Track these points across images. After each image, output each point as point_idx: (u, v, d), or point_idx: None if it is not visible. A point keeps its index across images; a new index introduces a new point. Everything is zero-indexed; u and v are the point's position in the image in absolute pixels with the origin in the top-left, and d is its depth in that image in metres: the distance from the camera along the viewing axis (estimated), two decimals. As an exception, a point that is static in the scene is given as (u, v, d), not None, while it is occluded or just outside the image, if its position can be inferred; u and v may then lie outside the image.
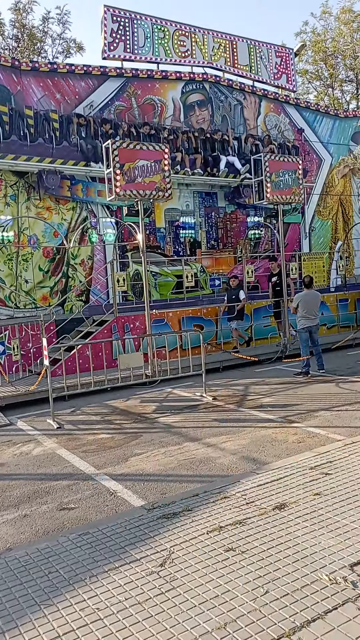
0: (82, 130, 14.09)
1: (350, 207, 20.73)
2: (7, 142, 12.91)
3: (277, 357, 11.86)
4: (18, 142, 13.03)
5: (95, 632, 2.88)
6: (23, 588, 3.37)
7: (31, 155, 13.17)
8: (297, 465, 5.12)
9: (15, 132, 13.03)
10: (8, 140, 12.94)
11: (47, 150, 13.39)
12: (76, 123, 13.99)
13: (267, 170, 11.53)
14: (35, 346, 10.70)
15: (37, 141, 13.32)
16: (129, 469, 5.79)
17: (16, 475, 5.87)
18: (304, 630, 2.77)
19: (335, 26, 29.40)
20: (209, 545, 3.70)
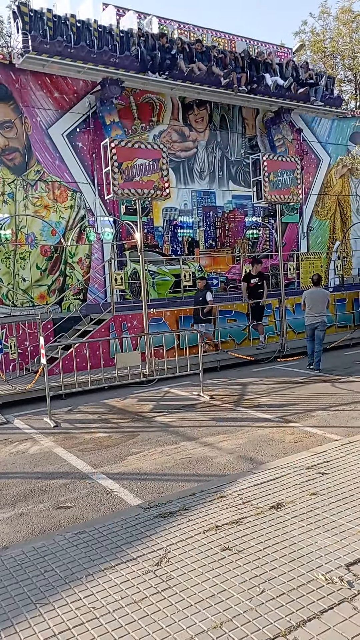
0: (141, 41, 14.35)
1: (348, 207, 20.75)
2: (76, 48, 13.24)
3: (275, 356, 11.87)
4: (87, 48, 13.41)
5: (91, 631, 2.87)
6: (19, 587, 3.36)
7: (96, 63, 13.55)
8: (294, 465, 5.12)
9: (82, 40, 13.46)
10: (77, 45, 13.28)
11: (110, 59, 13.75)
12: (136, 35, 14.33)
13: (265, 170, 11.53)
14: (33, 344, 10.68)
15: (103, 49, 13.68)
16: (125, 468, 5.79)
17: (12, 474, 5.86)
18: (300, 630, 2.77)
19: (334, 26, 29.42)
20: (206, 544, 3.70)
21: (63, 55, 13.10)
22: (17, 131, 13.59)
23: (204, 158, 16.93)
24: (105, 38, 13.86)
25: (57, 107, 14.18)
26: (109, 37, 13.92)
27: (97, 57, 13.54)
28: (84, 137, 14.61)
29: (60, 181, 14.21)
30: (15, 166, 13.58)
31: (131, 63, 14.02)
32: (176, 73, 14.65)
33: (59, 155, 14.21)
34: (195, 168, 16.73)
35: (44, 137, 13.99)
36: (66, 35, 13.24)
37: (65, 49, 13.09)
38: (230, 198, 17.56)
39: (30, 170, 13.78)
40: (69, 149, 14.38)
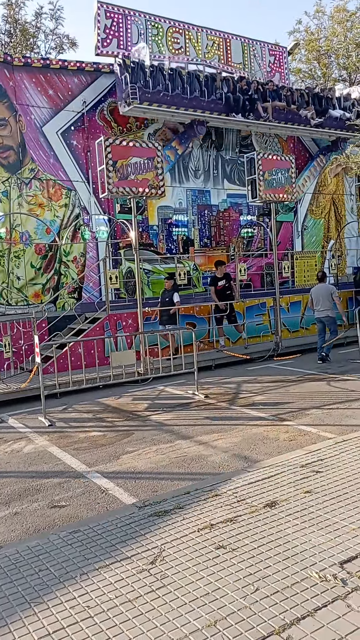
0: (224, 85, 15.87)
1: (343, 206, 20.79)
2: (172, 95, 14.58)
3: (270, 355, 11.90)
4: (180, 95, 14.81)
5: (85, 630, 2.88)
6: (13, 586, 3.36)
7: (187, 107, 15.01)
8: (288, 463, 5.14)
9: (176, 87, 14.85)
10: (173, 93, 14.61)
11: (199, 103, 15.21)
12: (219, 80, 15.82)
13: (260, 168, 11.54)
14: (27, 343, 10.65)
15: (193, 95, 15.11)
16: (120, 467, 5.79)
17: (7, 473, 5.85)
18: (293, 628, 2.78)
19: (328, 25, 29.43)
20: (200, 542, 3.71)
21: (161, 103, 14.50)
22: (11, 129, 13.52)
23: (199, 156, 16.92)
24: (194, 83, 15.37)
25: (52, 105, 14.13)
26: (196, 82, 15.42)
27: (188, 103, 15.03)
28: (78, 136, 14.57)
29: (55, 179, 14.17)
30: (10, 164, 13.52)
31: (216, 105, 15.59)
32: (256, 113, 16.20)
33: (54, 154, 14.17)
34: (190, 166, 16.72)
35: (39, 135, 13.94)
36: (162, 84, 14.62)
37: (163, 97, 14.51)
38: (225, 197, 17.55)
39: (24, 169, 13.73)
40: (63, 147, 14.33)
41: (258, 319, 13.10)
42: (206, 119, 15.49)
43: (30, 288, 13.83)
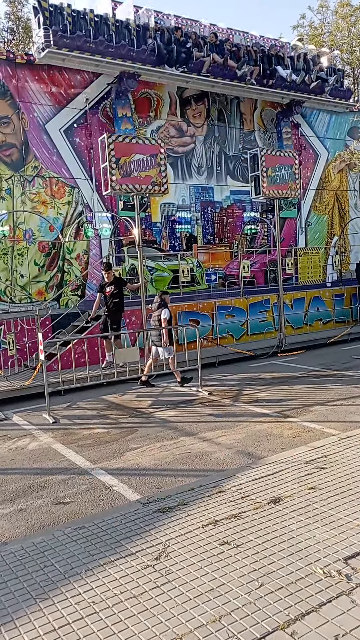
0: (157, 35, 14.66)
1: (347, 202, 20.73)
2: (95, 42, 13.53)
3: (273, 352, 11.89)
4: (105, 42, 13.67)
5: (90, 626, 2.89)
6: (19, 582, 3.38)
7: (114, 57, 13.86)
8: (292, 460, 5.14)
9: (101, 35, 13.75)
10: (96, 40, 13.56)
11: (128, 53, 14.03)
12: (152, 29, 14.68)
13: (263, 165, 11.51)
14: (31, 341, 10.67)
15: (120, 43, 13.94)
16: (124, 464, 5.80)
17: (12, 470, 5.87)
18: (298, 623, 2.79)
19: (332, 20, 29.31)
20: (204, 539, 3.72)
21: (82, 50, 13.40)
22: (14, 127, 13.54)
23: (202, 153, 16.90)
24: (123, 32, 14.15)
25: (54, 102, 14.13)
26: (126, 32, 14.23)
27: (115, 51, 13.80)
28: (81, 133, 14.57)
29: (58, 177, 14.18)
30: (13, 162, 13.54)
31: (148, 57, 14.32)
32: (191, 66, 14.94)
33: (57, 151, 14.17)
34: (193, 163, 16.70)
35: (41, 133, 13.95)
36: (85, 30, 13.51)
37: (85, 44, 13.38)
38: (228, 193, 17.54)
39: (27, 166, 13.74)
40: (66, 144, 14.34)
41: (262, 316, 13.08)
42: (137, 70, 14.35)
43: (34, 286, 13.86)
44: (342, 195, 20.61)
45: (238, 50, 16.18)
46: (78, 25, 13.45)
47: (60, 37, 13.02)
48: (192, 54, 14.84)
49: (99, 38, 13.55)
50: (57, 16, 13.27)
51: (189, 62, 14.81)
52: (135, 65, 14.17)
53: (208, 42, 15.54)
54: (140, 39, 14.36)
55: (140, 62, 14.24)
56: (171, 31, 14.95)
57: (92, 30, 13.61)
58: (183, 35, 15.08)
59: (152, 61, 14.43)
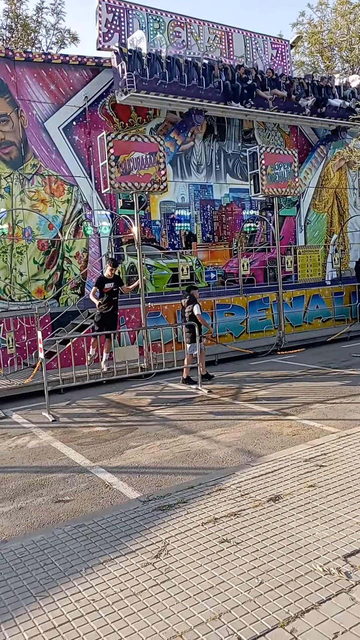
0: (222, 73, 15.59)
1: (346, 200, 20.72)
2: (169, 84, 14.41)
3: (273, 350, 11.89)
4: (178, 84, 14.62)
5: (90, 623, 2.89)
6: (19, 580, 3.38)
7: (184, 96, 14.84)
8: (291, 458, 5.15)
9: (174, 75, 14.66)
10: (170, 82, 14.43)
11: (197, 92, 15.00)
12: (217, 68, 15.57)
13: (262, 162, 11.50)
14: (30, 339, 10.67)
15: (191, 83, 14.88)
16: (124, 462, 5.80)
17: (11, 468, 5.87)
18: (298, 621, 2.79)
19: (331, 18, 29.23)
20: (204, 536, 3.72)
21: (158, 91, 14.31)
22: (13, 125, 13.50)
23: (201, 151, 16.87)
24: (192, 72, 15.14)
25: (53, 100, 14.09)
26: (194, 71, 15.19)
27: (186, 91, 14.85)
28: (80, 131, 14.53)
29: (57, 175, 14.15)
30: (12, 160, 13.50)
31: (214, 94, 15.40)
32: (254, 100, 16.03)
33: (56, 149, 14.14)
34: (192, 161, 16.67)
35: (40, 131, 13.91)
36: (159, 72, 14.43)
37: (161, 85, 14.32)
38: (227, 191, 17.50)
39: (26, 164, 13.71)
40: (65, 142, 14.30)
41: (261, 314, 13.08)
42: (204, 107, 15.32)
43: (33, 284, 13.84)
44: (342, 193, 20.59)
45: (291, 83, 17.19)
46: (154, 68, 14.38)
47: (140, 80, 13.94)
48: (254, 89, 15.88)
49: (173, 80, 14.54)
50: (136, 60, 14.19)
51: (251, 97, 15.85)
52: (203, 104, 15.20)
53: (266, 77, 16.60)
54: (207, 77, 15.34)
55: (207, 99, 15.26)
56: (234, 69, 16.01)
57: (165, 71, 14.57)
58: (245, 72, 16.08)
59: (218, 97, 15.42)
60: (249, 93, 15.80)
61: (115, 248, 14.73)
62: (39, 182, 13.90)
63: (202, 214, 17.01)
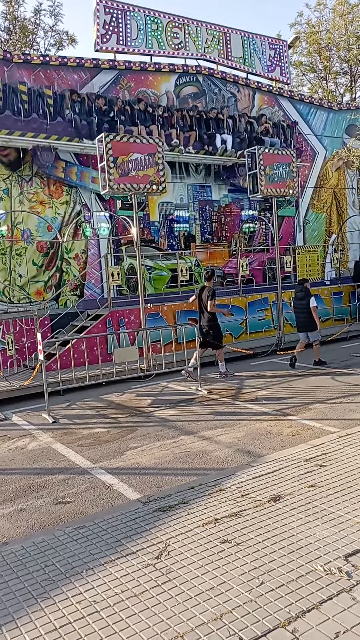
0: (76, 106, 14.07)
1: (345, 200, 20.74)
2: (0, 117, 12.85)
3: (272, 350, 11.89)
4: (12, 118, 12.96)
5: (92, 625, 2.89)
6: (20, 582, 3.38)
7: (25, 130, 13.16)
8: (292, 458, 5.15)
9: (8, 107, 12.98)
10: (2, 114, 12.90)
11: (41, 126, 13.35)
12: (69, 99, 13.97)
13: (261, 163, 11.51)
14: (30, 341, 10.67)
15: (31, 116, 13.26)
16: (124, 463, 5.80)
17: (11, 470, 5.87)
18: (299, 621, 2.79)
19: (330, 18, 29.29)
20: (205, 537, 3.72)
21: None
22: (12, 126, 13.48)
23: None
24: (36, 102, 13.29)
25: (51, 102, 14.06)
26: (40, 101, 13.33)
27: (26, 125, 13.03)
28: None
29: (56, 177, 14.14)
30: (10, 162, 13.51)
31: (64, 129, 13.64)
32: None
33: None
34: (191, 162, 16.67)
35: (39, 132, 13.89)
36: None
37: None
38: (226, 192, 17.52)
39: (25, 166, 13.72)
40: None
41: (260, 314, 13.08)
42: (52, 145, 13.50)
43: (32, 285, 13.85)
44: (340, 193, 20.62)
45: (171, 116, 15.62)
46: None
47: None
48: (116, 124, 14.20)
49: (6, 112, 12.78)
50: None
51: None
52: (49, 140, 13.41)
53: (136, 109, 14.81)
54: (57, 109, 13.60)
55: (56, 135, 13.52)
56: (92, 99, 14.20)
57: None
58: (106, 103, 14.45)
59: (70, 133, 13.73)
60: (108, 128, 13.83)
61: (114, 249, 14.74)
62: (38, 184, 13.91)
63: (201, 215, 17.02)
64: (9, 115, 12.98)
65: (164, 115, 15.49)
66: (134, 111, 14.94)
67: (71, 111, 13.94)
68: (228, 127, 16.80)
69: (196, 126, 16.13)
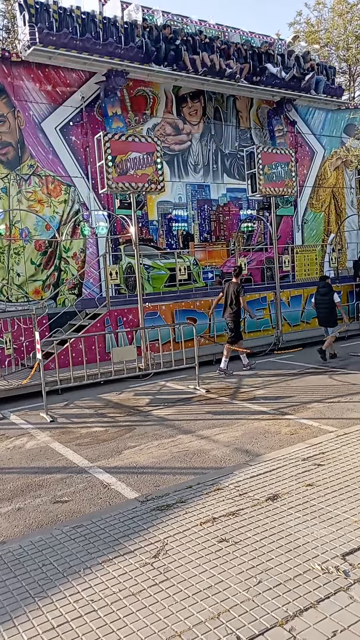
0: (145, 33, 14.56)
1: (343, 199, 20.74)
2: (82, 40, 13.38)
3: (270, 349, 11.90)
4: (92, 40, 13.57)
5: (89, 624, 2.89)
6: (17, 581, 3.38)
7: (101, 54, 13.69)
8: (289, 457, 5.15)
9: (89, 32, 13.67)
10: (83, 37, 13.43)
11: (115, 50, 13.90)
12: (140, 26, 14.51)
13: (259, 162, 11.51)
14: (28, 340, 10.66)
15: (108, 40, 13.82)
16: (122, 462, 5.80)
17: (9, 469, 5.86)
18: (296, 620, 2.80)
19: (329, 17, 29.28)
20: (203, 536, 3.72)
21: (69, 47, 13.20)
22: (10, 125, 13.49)
23: (198, 151, 16.87)
24: (110, 30, 13.98)
25: (50, 100, 14.07)
26: (113, 29, 14.02)
27: (103, 49, 13.67)
28: (77, 131, 14.52)
29: (54, 175, 14.14)
30: (8, 160, 13.49)
31: (136, 54, 14.20)
32: (181, 64, 14.86)
33: (53, 149, 14.13)
34: (189, 161, 16.67)
35: (37, 131, 13.90)
36: (72, 27, 13.39)
37: (71, 41, 13.21)
38: (224, 191, 17.51)
39: (23, 165, 13.70)
40: (62, 142, 14.29)
41: (259, 313, 13.08)
42: (125, 68, 14.10)
43: (31, 284, 13.83)
44: (339, 193, 20.61)
45: (228, 48, 16.09)
46: (65, 23, 13.31)
47: (46, 34, 12.86)
48: (181, 52, 14.78)
49: (86, 35, 13.43)
50: (43, 13, 13.12)
51: (178, 60, 14.77)
52: (123, 63, 14.02)
53: (197, 39, 15.51)
54: (128, 36, 14.21)
55: (129, 59, 14.08)
56: (159, 29, 14.83)
57: (79, 27, 13.53)
58: (172, 32, 14.99)
59: (140, 59, 14.30)
60: (176, 55, 14.62)
61: (112, 248, 14.72)
62: (36, 183, 13.89)
63: (200, 214, 17.01)
64: (89, 38, 13.54)
65: (221, 47, 15.92)
66: (196, 42, 15.40)
67: (141, 38, 14.34)
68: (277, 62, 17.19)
69: (250, 59, 16.50)
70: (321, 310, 11.09)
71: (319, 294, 11.18)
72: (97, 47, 13.60)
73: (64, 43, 13.14)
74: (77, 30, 13.44)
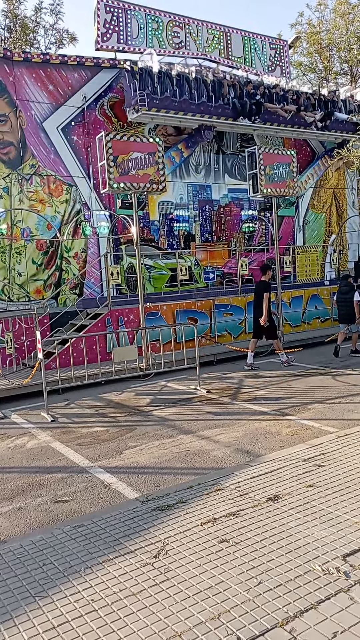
0: (231, 90, 15.93)
1: (344, 200, 20.72)
2: (180, 101, 14.70)
3: (271, 350, 11.89)
4: (188, 101, 14.91)
5: (90, 624, 2.89)
6: (18, 580, 3.38)
7: (194, 112, 15.15)
8: (290, 458, 5.15)
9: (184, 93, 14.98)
10: (180, 99, 14.73)
11: (207, 108, 15.29)
12: (227, 85, 15.86)
13: (261, 163, 11.50)
14: (29, 339, 10.66)
15: (201, 100, 15.19)
16: (123, 462, 5.81)
17: (10, 469, 5.87)
18: (297, 621, 2.80)
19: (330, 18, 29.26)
20: (203, 536, 3.72)
21: (169, 109, 14.61)
22: (12, 125, 13.49)
23: (200, 152, 16.87)
24: (201, 88, 15.41)
25: (52, 100, 14.08)
26: (203, 87, 15.44)
27: (196, 108, 15.14)
28: (79, 131, 14.53)
29: (56, 175, 14.14)
30: (10, 160, 13.50)
31: (223, 110, 15.74)
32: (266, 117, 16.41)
33: (54, 149, 14.13)
34: (191, 162, 16.67)
35: (39, 131, 13.91)
36: (170, 90, 14.68)
37: (171, 103, 14.60)
38: (226, 192, 17.50)
39: (25, 164, 13.70)
40: (64, 142, 14.29)
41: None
42: (213, 123, 15.63)
43: (32, 284, 13.83)
44: (340, 194, 20.60)
45: (298, 97, 17.42)
46: (164, 85, 14.58)
47: (152, 99, 14.14)
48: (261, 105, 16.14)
49: (183, 98, 14.76)
50: (147, 78, 14.35)
51: (259, 112, 16.17)
52: (212, 120, 15.46)
53: (274, 92, 16.84)
54: (216, 92, 15.55)
55: (217, 115, 15.51)
56: (242, 85, 16.24)
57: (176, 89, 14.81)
58: (253, 87, 16.32)
59: (227, 114, 15.70)
60: (257, 108, 16.05)
61: (114, 248, 14.72)
62: (38, 182, 13.89)
63: (201, 214, 17.01)
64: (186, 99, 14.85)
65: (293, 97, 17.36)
66: (272, 94, 16.76)
67: (229, 94, 15.74)
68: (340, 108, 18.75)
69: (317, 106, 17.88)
70: (342, 308, 11.40)
71: (340, 292, 11.48)
72: (192, 106, 15.06)
73: (164, 105, 14.48)
74: (175, 92, 14.74)
